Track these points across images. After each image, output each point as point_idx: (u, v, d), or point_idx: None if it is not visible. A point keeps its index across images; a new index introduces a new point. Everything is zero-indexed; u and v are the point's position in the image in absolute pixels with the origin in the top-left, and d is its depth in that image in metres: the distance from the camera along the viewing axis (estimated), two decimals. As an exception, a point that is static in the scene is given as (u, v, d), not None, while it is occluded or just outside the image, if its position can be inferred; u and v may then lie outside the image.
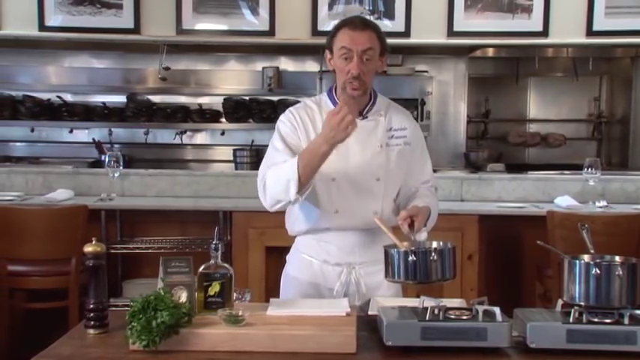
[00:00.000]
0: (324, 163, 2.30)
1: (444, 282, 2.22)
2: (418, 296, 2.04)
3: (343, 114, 2.18)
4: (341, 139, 2.21)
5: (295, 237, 2.59)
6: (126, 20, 4.98)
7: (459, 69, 6.39)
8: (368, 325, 2.05)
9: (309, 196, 2.37)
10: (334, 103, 2.47)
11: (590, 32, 4.93)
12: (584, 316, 1.90)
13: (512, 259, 4.33)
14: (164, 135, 6.54)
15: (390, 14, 4.98)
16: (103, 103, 6.34)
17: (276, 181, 2.32)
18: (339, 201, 2.41)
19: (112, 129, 6.36)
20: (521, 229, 4.22)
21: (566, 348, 1.86)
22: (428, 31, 5.02)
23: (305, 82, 6.19)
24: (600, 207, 4.22)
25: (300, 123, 2.46)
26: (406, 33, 4.97)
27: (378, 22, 4.87)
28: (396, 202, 2.52)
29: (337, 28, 2.44)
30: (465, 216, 4.08)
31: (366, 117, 2.48)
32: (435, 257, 2.12)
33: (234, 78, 6.47)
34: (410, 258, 2.12)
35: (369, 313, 2.24)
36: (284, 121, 2.49)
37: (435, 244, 2.21)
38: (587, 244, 2.08)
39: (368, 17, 4.83)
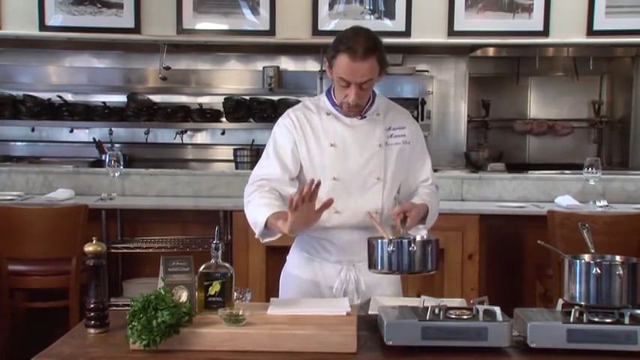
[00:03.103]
0: (324, 163, 2.39)
1: (426, 274, 2.21)
2: (419, 296, 2.05)
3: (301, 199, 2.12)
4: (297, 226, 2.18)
5: (295, 235, 2.59)
6: (126, 20, 4.98)
7: (459, 68, 6.38)
8: (368, 324, 2.05)
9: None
10: (332, 103, 2.47)
11: (590, 32, 4.93)
12: (584, 315, 1.91)
13: (512, 258, 4.33)
14: (164, 134, 6.54)
15: (390, 14, 4.97)
16: (104, 102, 6.35)
17: (250, 213, 2.39)
18: (339, 201, 2.41)
19: (113, 128, 6.35)
20: (522, 229, 4.22)
21: (567, 348, 1.86)
22: (428, 31, 5.02)
23: (305, 82, 6.20)
24: (601, 207, 4.22)
25: (298, 125, 2.46)
26: (406, 32, 4.97)
27: (378, 21, 4.90)
28: (396, 201, 2.52)
29: (338, 50, 2.33)
30: (465, 215, 4.08)
31: (365, 117, 2.48)
32: (415, 248, 2.13)
33: (234, 78, 6.48)
34: (390, 248, 2.12)
35: (370, 312, 2.24)
36: (280, 125, 2.50)
37: (418, 237, 2.20)
38: (588, 243, 2.08)
39: (368, 17, 4.94)
